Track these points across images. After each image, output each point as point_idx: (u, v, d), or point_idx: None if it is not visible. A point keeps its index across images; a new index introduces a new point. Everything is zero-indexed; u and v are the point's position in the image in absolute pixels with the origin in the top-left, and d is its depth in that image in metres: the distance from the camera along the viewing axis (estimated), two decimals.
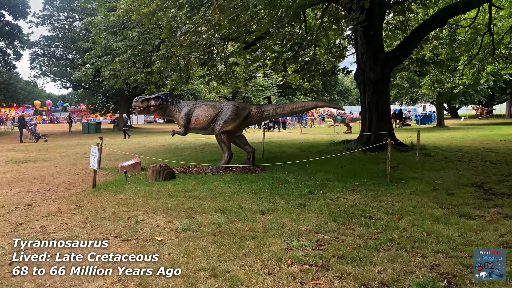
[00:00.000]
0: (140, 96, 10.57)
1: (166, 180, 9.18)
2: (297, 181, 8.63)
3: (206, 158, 13.40)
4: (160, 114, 10.65)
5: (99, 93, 40.22)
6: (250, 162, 11.02)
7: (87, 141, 23.38)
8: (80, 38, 33.52)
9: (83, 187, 8.74)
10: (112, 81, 15.19)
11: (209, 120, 10.34)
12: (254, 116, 10.61)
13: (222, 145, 10.40)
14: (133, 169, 10.97)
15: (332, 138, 20.54)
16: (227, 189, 7.89)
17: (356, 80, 15.80)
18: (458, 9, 14.71)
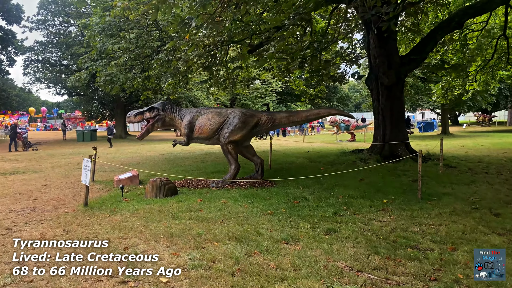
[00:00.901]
0: (132, 111, 9.59)
1: (168, 196, 8.18)
2: (315, 198, 7.64)
3: (209, 170, 12.41)
4: (160, 126, 9.66)
5: (94, 100, 39.18)
6: (258, 175, 10.04)
7: (82, 150, 22.33)
8: (75, 43, 32.55)
9: (73, 205, 7.72)
10: (108, 86, 14.20)
11: (214, 128, 9.36)
12: (264, 124, 9.65)
13: (229, 156, 9.41)
14: (130, 183, 9.96)
15: (341, 147, 19.59)
16: (238, 209, 6.90)
17: (368, 85, 14.88)
18: (476, 11, 13.85)
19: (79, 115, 63.12)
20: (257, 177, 10.01)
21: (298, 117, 9.62)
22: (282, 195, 7.92)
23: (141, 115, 9.41)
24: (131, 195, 8.53)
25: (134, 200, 7.93)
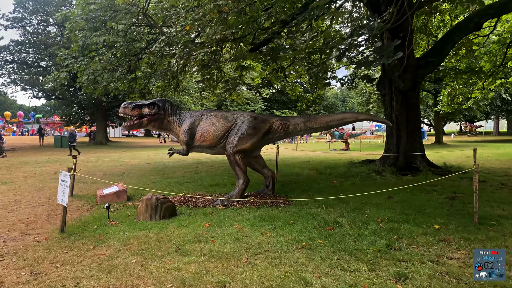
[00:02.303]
0: (129, 101, 8.03)
1: (165, 218, 6.64)
2: (350, 222, 6.22)
3: (206, 182, 10.89)
4: (156, 126, 8.14)
5: (74, 104, 37.07)
6: (269, 190, 8.59)
7: (59, 157, 20.45)
8: (54, 44, 30.55)
9: (47, 230, 6.11)
10: (91, 87, 12.55)
11: (219, 135, 7.89)
12: (276, 131, 8.21)
13: (236, 169, 7.93)
14: (116, 199, 8.37)
15: (348, 157, 18.29)
16: (260, 238, 5.42)
17: (379, 90, 13.61)
18: (496, 11, 12.75)
19: (57, 120, 60.50)
20: (268, 192, 8.56)
21: (317, 123, 8.20)
22: (307, 218, 6.47)
23: (139, 109, 7.85)
24: (119, 216, 6.95)
25: (124, 224, 6.37)
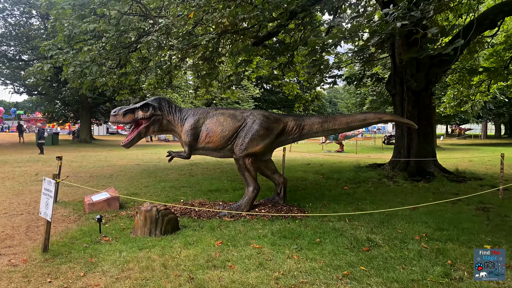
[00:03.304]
0: (119, 108, 6.98)
1: (167, 233, 5.67)
2: (385, 240, 5.34)
3: (204, 187, 9.92)
4: (156, 130, 7.12)
5: (57, 100, 35.57)
6: (280, 198, 7.67)
7: (41, 156, 19.20)
8: (37, 36, 29.09)
9: (26, 248, 5.08)
10: (78, 81, 11.44)
11: (227, 136, 6.93)
12: (290, 132, 7.29)
13: (246, 174, 6.99)
14: (107, 207, 7.35)
15: (354, 161, 17.48)
16: (288, 263, 4.48)
17: (389, 90, 12.81)
18: (511, 8, 12.09)
19: (40, 116, 58.57)
20: (279, 201, 7.64)
21: (336, 124, 7.30)
22: (333, 235, 5.57)
23: (132, 114, 6.83)
24: (112, 230, 5.95)
25: (120, 240, 5.37)
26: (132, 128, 7.04)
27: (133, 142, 6.96)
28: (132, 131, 6.99)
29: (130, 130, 7.06)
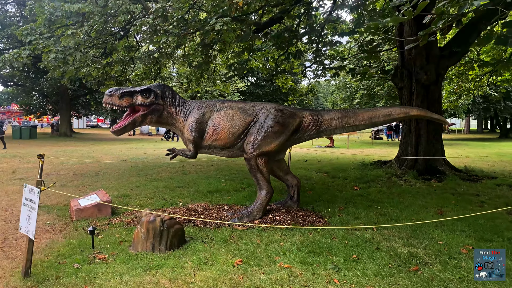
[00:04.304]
0: (116, 87, 6.02)
1: (173, 248, 4.80)
2: (430, 255, 4.59)
3: (202, 187, 9.05)
4: (154, 121, 6.19)
5: (35, 92, 33.96)
6: (294, 202, 6.86)
7: (19, 151, 17.96)
8: (13, 24, 27.48)
9: (2, 271, 4.14)
10: (60, 70, 10.36)
11: (237, 133, 6.07)
12: (307, 128, 6.46)
13: (258, 176, 6.14)
14: (98, 213, 6.42)
15: (351, 157, 16.78)
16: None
17: (395, 83, 12.08)
18: None
19: (16, 108, 56.34)
20: (292, 205, 6.83)
21: (357, 120, 6.50)
22: (368, 249, 4.79)
23: (130, 98, 5.85)
24: (107, 243, 5.04)
25: (118, 259, 4.47)
26: (126, 113, 6.08)
27: (125, 129, 6.01)
28: (126, 117, 6.03)
29: (124, 116, 6.10)
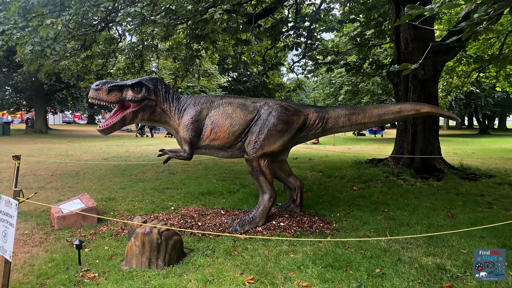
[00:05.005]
0: (104, 81, 5.38)
1: (173, 262, 4.25)
2: (457, 265, 4.19)
3: (192, 188, 8.49)
4: (146, 119, 5.57)
5: (7, 86, 32.54)
6: (296, 206, 6.37)
7: None
8: None
9: None
10: (36, 62, 9.59)
11: (237, 132, 5.53)
12: (312, 126, 5.96)
13: (261, 179, 5.61)
14: (82, 221, 5.79)
15: (338, 153, 16.40)
16: None
17: (390, 79, 11.73)
18: None
19: None
20: (295, 209, 6.35)
21: (366, 117, 6.04)
22: (390, 261, 4.34)
23: (119, 93, 5.22)
24: (95, 257, 4.44)
25: (110, 278, 3.88)
26: (115, 110, 5.47)
27: (114, 128, 5.39)
28: (114, 114, 5.41)
29: (112, 112, 5.49)
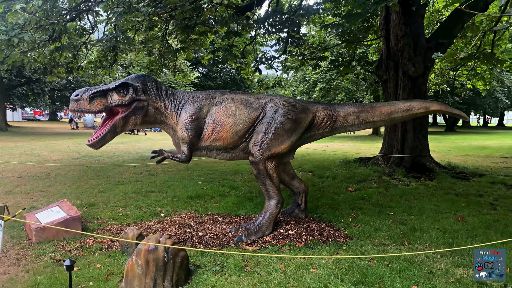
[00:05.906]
0: (84, 88, 4.65)
1: (181, 283, 3.69)
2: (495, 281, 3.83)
3: (179, 192, 7.87)
4: (139, 122, 4.88)
5: None
6: (301, 211, 5.90)
7: None
8: None
9: None
10: (3, 53, 8.66)
11: (241, 131, 4.99)
12: (320, 125, 5.49)
13: (267, 183, 5.08)
14: (65, 234, 5.09)
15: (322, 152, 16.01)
16: None
17: (379, 76, 11.45)
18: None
19: None
20: (299, 215, 5.88)
21: (375, 115, 5.62)
22: (418, 273, 3.95)
23: (103, 99, 4.55)
24: (88, 279, 3.80)
25: None
26: (104, 119, 4.81)
27: (105, 139, 4.71)
28: (104, 124, 4.75)
29: (101, 123, 4.83)
